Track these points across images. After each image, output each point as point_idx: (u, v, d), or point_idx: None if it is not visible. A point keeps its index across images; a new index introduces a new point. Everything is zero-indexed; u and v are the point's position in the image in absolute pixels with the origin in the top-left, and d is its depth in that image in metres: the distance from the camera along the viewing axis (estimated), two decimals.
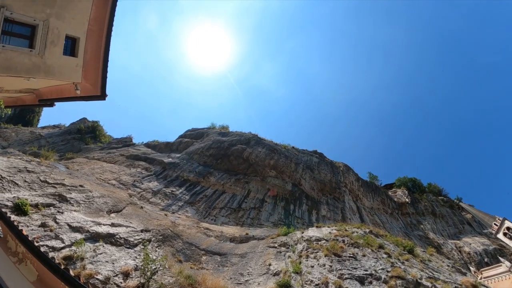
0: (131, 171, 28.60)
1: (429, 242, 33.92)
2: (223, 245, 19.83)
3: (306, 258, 15.00)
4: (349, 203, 33.64)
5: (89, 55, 12.35)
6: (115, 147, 37.48)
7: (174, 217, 23.06)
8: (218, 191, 29.39)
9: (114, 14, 12.73)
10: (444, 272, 12.48)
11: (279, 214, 27.39)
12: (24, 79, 9.64)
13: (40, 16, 9.33)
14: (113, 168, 28.21)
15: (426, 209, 44.34)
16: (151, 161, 32.36)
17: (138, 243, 13.18)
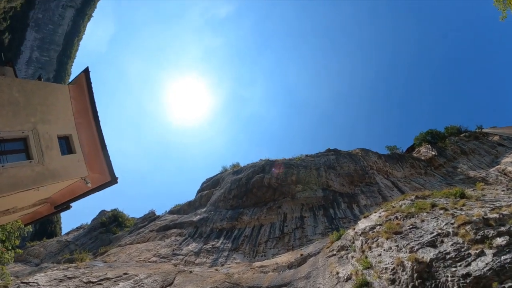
0: (166, 242, 28.15)
1: (472, 181, 32.52)
2: (284, 275, 19.00)
3: (370, 250, 14.24)
4: (382, 182, 32.59)
5: (86, 146, 12.49)
6: (142, 226, 37.22)
7: (225, 269, 22.31)
8: (256, 227, 28.68)
9: (94, 101, 13.03)
10: (502, 198, 11.73)
11: (323, 223, 26.49)
12: (34, 191, 9.66)
13: (27, 127, 9.52)
14: (148, 246, 27.82)
15: (455, 152, 43.01)
16: (181, 226, 31.93)
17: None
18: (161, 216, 39.37)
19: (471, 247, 8.66)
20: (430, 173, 38.08)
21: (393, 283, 10.60)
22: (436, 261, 9.33)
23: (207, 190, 40.83)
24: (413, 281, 9.60)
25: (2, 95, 8.84)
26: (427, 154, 43.59)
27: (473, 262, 8.18)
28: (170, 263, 23.12)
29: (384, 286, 10.89)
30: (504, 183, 27.79)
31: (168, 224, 32.98)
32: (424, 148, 46.48)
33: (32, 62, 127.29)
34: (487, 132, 48.08)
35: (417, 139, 52.30)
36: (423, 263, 9.74)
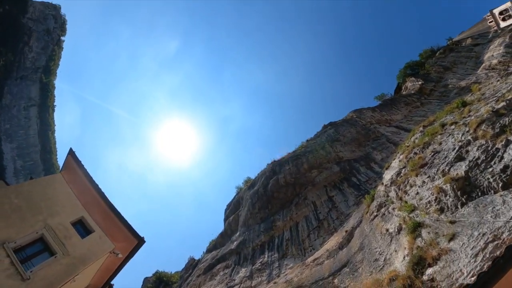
0: (217, 279, 27.73)
1: (467, 89, 32.57)
2: (339, 257, 18.72)
3: (406, 194, 14.09)
4: (386, 131, 32.49)
5: (102, 220, 12.37)
6: (188, 275, 36.70)
7: (282, 278, 21.93)
8: (292, 227, 28.36)
9: (90, 176, 12.96)
10: (501, 87, 11.72)
11: (351, 194, 26.27)
12: (71, 283, 9.49)
13: (38, 226, 9.42)
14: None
15: (438, 72, 43.27)
16: (223, 258, 31.53)
17: None
18: (201, 259, 38.85)
19: (496, 142, 8.58)
20: (426, 102, 38.12)
21: (442, 211, 10.44)
22: (471, 171, 9.23)
23: (232, 215, 40.48)
24: (459, 199, 9.46)
25: (3, 206, 8.76)
26: (414, 86, 43.69)
27: (504, 154, 8.09)
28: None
29: (435, 218, 10.72)
30: (496, 76, 27.80)
31: (211, 263, 32.54)
32: (409, 82, 46.61)
33: (19, 172, 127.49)
34: (459, 40, 48.46)
35: (399, 77, 52.36)
36: (460, 179, 9.63)
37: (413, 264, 10.54)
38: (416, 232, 11.60)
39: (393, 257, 12.84)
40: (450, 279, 8.35)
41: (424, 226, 11.51)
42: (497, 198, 7.83)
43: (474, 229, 8.25)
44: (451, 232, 9.67)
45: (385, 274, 12.15)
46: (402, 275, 10.83)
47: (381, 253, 14.23)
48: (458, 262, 8.45)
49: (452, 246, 9.15)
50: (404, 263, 11.49)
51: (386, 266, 12.87)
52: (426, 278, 9.74)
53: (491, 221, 7.63)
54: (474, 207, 8.66)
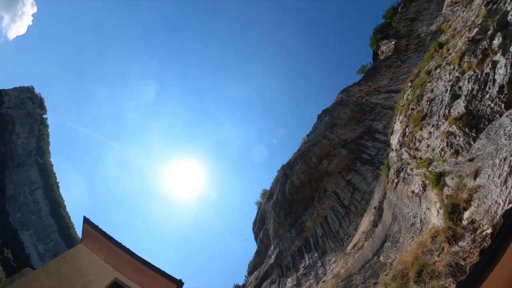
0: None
1: (439, 31, 32.53)
2: (377, 234, 18.44)
3: (418, 150, 13.99)
4: (378, 99, 32.35)
5: (136, 275, 12.24)
6: None
7: (330, 275, 21.52)
8: (322, 222, 28.02)
9: (111, 237, 12.91)
10: (468, 14, 11.71)
11: (367, 171, 26.02)
12: None
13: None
14: None
15: (407, 25, 43.53)
16: (267, 275, 31.04)
17: None
18: (245, 283, 38.22)
19: (483, 68, 8.55)
20: (406, 58, 38.13)
21: (457, 153, 10.31)
22: (470, 105, 9.18)
23: (261, 231, 40.07)
24: (469, 136, 9.37)
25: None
26: (389, 48, 43.83)
27: (495, 75, 8.05)
28: None
29: (453, 162, 10.59)
30: (461, 7, 27.75)
31: (256, 283, 32.00)
32: (383, 45, 46.79)
33: (43, 256, 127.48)
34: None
35: (372, 44, 52.59)
36: (463, 116, 9.57)
37: (448, 214, 10.33)
38: (440, 183, 11.42)
39: (427, 215, 12.62)
40: (489, 214, 8.17)
41: (446, 174, 11.34)
42: (505, 120, 7.75)
43: (494, 158, 8.12)
44: (473, 169, 9.52)
45: (426, 234, 11.90)
46: (442, 228, 10.60)
47: (415, 215, 14.00)
48: (491, 195, 8.28)
49: (480, 182, 8.99)
50: (440, 217, 11.27)
51: (424, 226, 12.64)
52: (466, 223, 9.53)
53: (507, 143, 7.53)
54: (486, 136, 8.56)
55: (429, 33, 36.56)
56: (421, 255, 11.32)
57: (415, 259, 11.65)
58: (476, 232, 8.57)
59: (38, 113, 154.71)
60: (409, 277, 11.24)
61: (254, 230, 43.26)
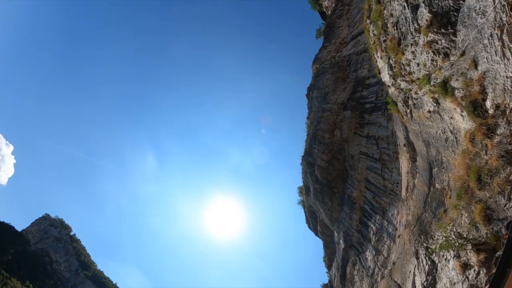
0: (358, 279, 26.63)
1: None
2: (420, 168, 18.23)
3: (411, 74, 13.94)
4: (349, 49, 32.09)
5: None
6: None
7: (401, 227, 21.09)
8: (367, 185, 27.58)
9: None
10: None
11: (378, 117, 25.65)
12: None
13: None
14: None
15: None
16: (346, 261, 30.48)
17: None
18: (330, 278, 37.63)
19: None
20: (349, 1, 37.87)
21: (447, 56, 10.23)
22: (432, 6, 9.15)
23: (317, 224, 39.63)
24: (447, 34, 9.32)
25: None
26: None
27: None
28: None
29: (448, 65, 10.48)
30: None
31: (341, 272, 31.42)
32: (323, 1, 46.71)
33: None
34: None
35: (314, 6, 51.46)
36: (432, 19, 9.54)
37: (473, 112, 10.18)
38: (449, 90, 11.30)
39: (454, 124, 12.42)
40: (507, 91, 8.03)
41: (449, 79, 11.22)
42: (470, 1, 7.71)
43: (482, 40, 8.05)
44: (470, 60, 9.42)
45: (463, 141, 11.70)
46: (474, 128, 10.43)
47: (444, 131, 13.79)
48: (499, 73, 8.17)
49: (482, 68, 8.89)
50: (466, 119, 11.09)
51: (457, 136, 12.43)
52: (493, 111, 9.36)
53: (484, 20, 7.47)
54: (463, 25, 8.51)
55: None
56: (471, 162, 11.12)
57: (467, 169, 11.43)
58: (506, 114, 8.43)
59: (64, 234, 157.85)
60: (471, 188, 11.00)
61: (310, 227, 42.75)
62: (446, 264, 12.26)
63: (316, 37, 50.81)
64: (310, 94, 40.80)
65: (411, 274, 15.57)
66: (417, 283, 14.52)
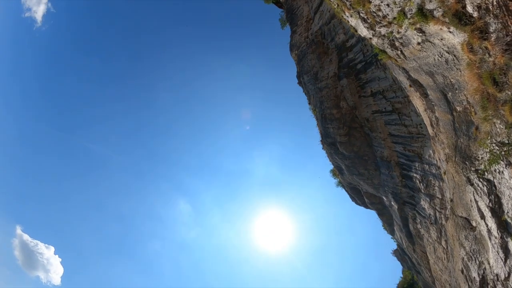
0: (425, 236, 25.91)
1: None
2: (434, 100, 17.87)
3: (386, 17, 13.85)
4: (320, 22, 32.02)
5: None
6: None
7: (443, 164, 20.55)
8: (392, 139, 27.11)
9: None
10: None
11: (373, 72, 25.38)
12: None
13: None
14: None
15: None
16: (405, 217, 29.73)
17: None
18: (399, 242, 36.69)
19: None
20: None
21: None
22: None
23: (363, 197, 38.97)
24: None
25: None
26: None
27: None
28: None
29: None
30: None
31: (405, 230, 30.65)
32: None
33: None
34: None
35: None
36: None
37: (458, 23, 10.10)
38: (427, 14, 11.23)
39: (447, 44, 12.25)
40: None
41: (423, 4, 11.15)
42: None
43: None
44: None
45: (461, 52, 11.52)
46: (467, 37, 10.29)
47: (441, 55, 13.60)
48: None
49: None
50: (455, 33, 10.96)
51: (454, 53, 12.23)
52: (477, 13, 9.25)
53: None
54: None
55: None
56: (480, 71, 10.94)
57: (479, 78, 11.24)
58: (490, 9, 8.34)
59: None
60: (491, 94, 10.78)
61: (358, 203, 41.98)
62: (502, 176, 11.90)
63: (282, 27, 50.64)
64: (301, 81, 40.83)
65: (472, 202, 15.13)
66: (482, 207, 14.08)
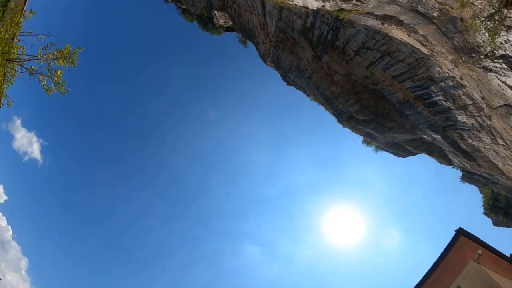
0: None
1: None
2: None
3: None
4: (268, 22, 32.56)
5: None
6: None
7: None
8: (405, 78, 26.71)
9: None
10: None
11: (352, 37, 25.56)
12: None
13: None
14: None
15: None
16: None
17: None
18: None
19: None
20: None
21: None
22: None
23: (408, 147, 37.88)
24: None
25: None
26: (218, 15, 43.85)
27: None
28: None
29: None
30: None
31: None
32: (216, 17, 46.57)
33: None
34: None
35: (212, 31, 49.35)
36: None
37: None
38: None
39: None
40: None
41: None
42: None
43: None
44: None
45: None
46: None
47: None
48: None
49: None
50: None
51: None
52: None
53: None
54: None
55: None
56: None
57: None
58: None
59: None
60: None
61: (403, 155, 40.81)
62: (510, 43, 11.63)
63: (245, 45, 50.56)
64: (289, 81, 41.43)
65: (501, 86, 14.68)
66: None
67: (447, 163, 34.77)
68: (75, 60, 13.25)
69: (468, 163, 28.62)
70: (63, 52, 12.75)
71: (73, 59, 13.14)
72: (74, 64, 13.24)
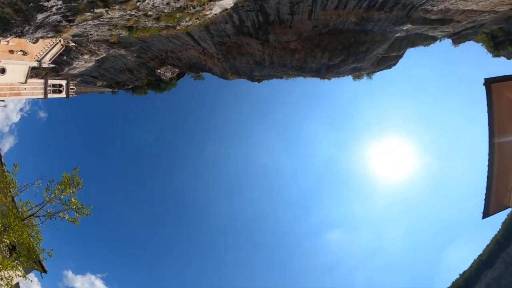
0: None
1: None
2: None
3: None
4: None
5: None
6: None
7: None
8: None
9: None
10: None
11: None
12: None
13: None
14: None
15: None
16: None
17: None
18: None
19: None
20: None
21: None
22: None
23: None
24: None
25: None
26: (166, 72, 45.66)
27: None
28: None
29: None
30: None
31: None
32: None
33: None
34: None
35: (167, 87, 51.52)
36: None
37: None
38: None
39: None
40: None
41: None
42: None
43: None
44: None
45: None
46: None
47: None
48: None
49: None
50: None
51: None
52: None
53: None
54: None
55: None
56: None
57: None
58: None
59: None
60: None
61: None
62: None
63: (201, 78, 49.80)
64: (258, 78, 41.89)
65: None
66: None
67: (433, 41, 34.39)
68: (79, 181, 13.57)
69: (449, 27, 28.38)
70: (64, 182, 13.13)
71: (76, 181, 13.46)
72: (80, 185, 13.58)
